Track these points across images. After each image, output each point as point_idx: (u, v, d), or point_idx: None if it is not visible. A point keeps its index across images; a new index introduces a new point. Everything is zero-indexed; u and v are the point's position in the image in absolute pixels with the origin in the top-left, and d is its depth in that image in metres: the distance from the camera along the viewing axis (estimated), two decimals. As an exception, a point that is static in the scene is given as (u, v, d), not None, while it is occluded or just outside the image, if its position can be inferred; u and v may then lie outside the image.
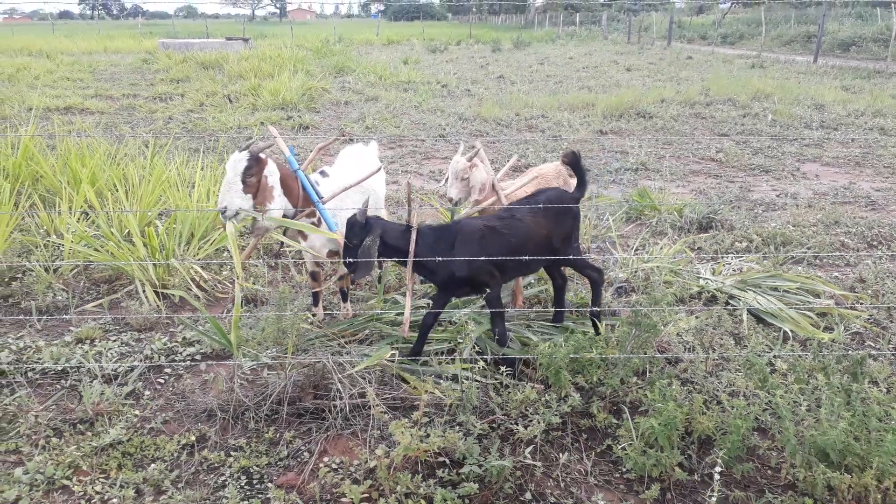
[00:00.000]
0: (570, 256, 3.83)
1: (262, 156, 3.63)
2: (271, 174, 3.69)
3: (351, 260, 3.39)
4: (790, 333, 4.08)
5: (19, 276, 5.06)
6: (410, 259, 3.43)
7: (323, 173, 4.14)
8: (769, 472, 3.01)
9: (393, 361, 3.51)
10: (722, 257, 5.45)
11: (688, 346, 3.90)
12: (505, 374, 3.25)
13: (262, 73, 16.87)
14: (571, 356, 3.27)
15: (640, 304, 3.48)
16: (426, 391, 3.07)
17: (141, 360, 3.85)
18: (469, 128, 11.62)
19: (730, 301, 4.56)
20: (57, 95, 14.68)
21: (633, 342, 3.43)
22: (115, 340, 4.14)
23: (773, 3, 41.01)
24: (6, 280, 5.04)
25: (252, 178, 3.57)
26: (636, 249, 5.59)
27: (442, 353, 3.79)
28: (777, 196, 7.59)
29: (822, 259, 5.48)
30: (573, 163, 3.95)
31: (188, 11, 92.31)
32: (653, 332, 3.39)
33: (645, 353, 3.45)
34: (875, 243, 5.88)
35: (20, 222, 5.83)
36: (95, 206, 5.63)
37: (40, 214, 5.70)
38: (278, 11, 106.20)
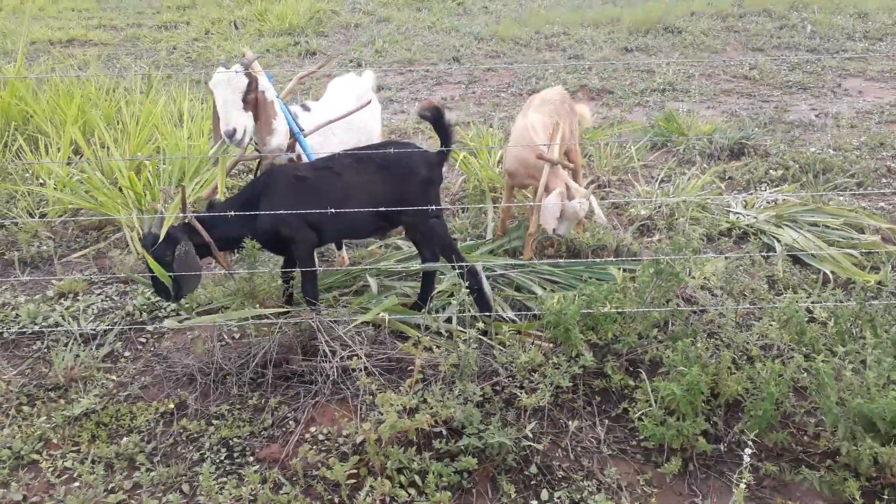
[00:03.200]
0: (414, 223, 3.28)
1: (253, 71, 3.26)
2: (268, 89, 3.34)
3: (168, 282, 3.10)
4: (830, 275, 3.67)
5: (5, 223, 4.81)
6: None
7: (305, 107, 3.75)
8: (805, 438, 2.69)
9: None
10: (755, 188, 4.99)
11: (715, 294, 3.53)
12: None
13: (271, -3, 16.11)
14: (583, 311, 2.93)
15: (663, 248, 3.09)
16: (420, 353, 2.76)
17: (122, 318, 3.60)
18: (485, 48, 10.97)
19: (762, 238, 4.15)
20: (60, 27, 14.16)
21: (654, 292, 3.07)
22: (98, 294, 3.89)
23: None
24: (-9, 228, 4.80)
25: (251, 94, 3.22)
26: (661, 181, 5.15)
27: (442, 309, 3.47)
28: (816, 116, 6.99)
29: (867, 187, 4.99)
30: (434, 119, 3.25)
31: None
32: (675, 281, 3.02)
33: (667, 304, 3.09)
34: (925, 167, 5.35)
35: (7, 166, 5.54)
36: (83, 147, 5.31)
37: (25, 158, 5.39)
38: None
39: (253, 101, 3.24)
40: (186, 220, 3.14)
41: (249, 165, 5.39)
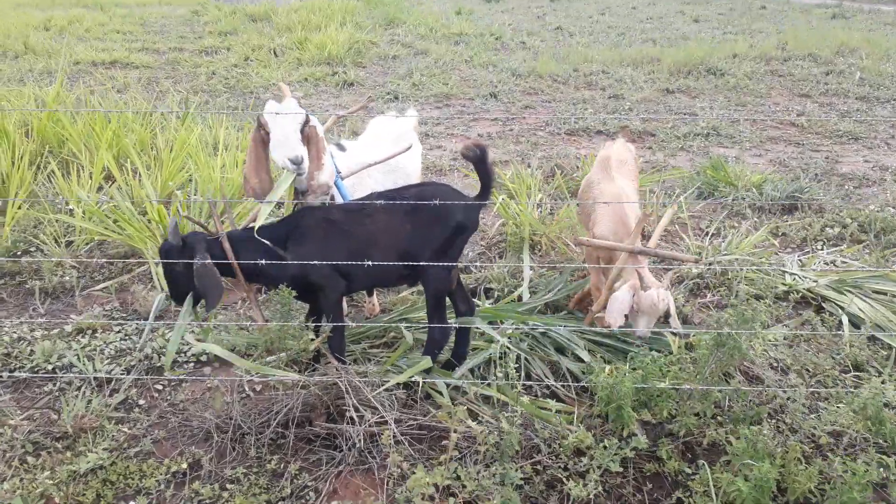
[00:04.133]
0: (429, 270, 3.01)
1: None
2: (318, 124, 3.19)
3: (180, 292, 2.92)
4: (902, 350, 3.37)
5: (31, 249, 4.70)
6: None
7: (340, 146, 3.58)
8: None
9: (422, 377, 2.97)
10: (811, 247, 4.70)
11: (774, 367, 3.24)
12: None
13: (311, 26, 16.24)
14: (637, 385, 2.67)
15: (726, 318, 2.82)
16: (456, 427, 2.52)
17: (139, 361, 3.41)
18: (522, 85, 10.82)
19: (823, 305, 3.86)
20: (104, 49, 14.38)
21: (714, 366, 2.80)
22: (118, 332, 3.72)
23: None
24: (17, 253, 4.69)
25: (306, 127, 3.07)
26: (710, 235, 4.87)
27: (479, 368, 3.23)
28: (871, 170, 6.68)
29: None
30: (477, 159, 3.01)
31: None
32: (739, 356, 2.75)
33: (726, 380, 2.82)
34: None
35: (38, 190, 5.46)
36: (115, 174, 5.21)
37: (56, 182, 5.30)
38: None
39: (307, 135, 3.10)
40: (217, 237, 2.96)
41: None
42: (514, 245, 4.63)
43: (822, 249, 4.67)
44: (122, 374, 3.26)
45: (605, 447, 2.52)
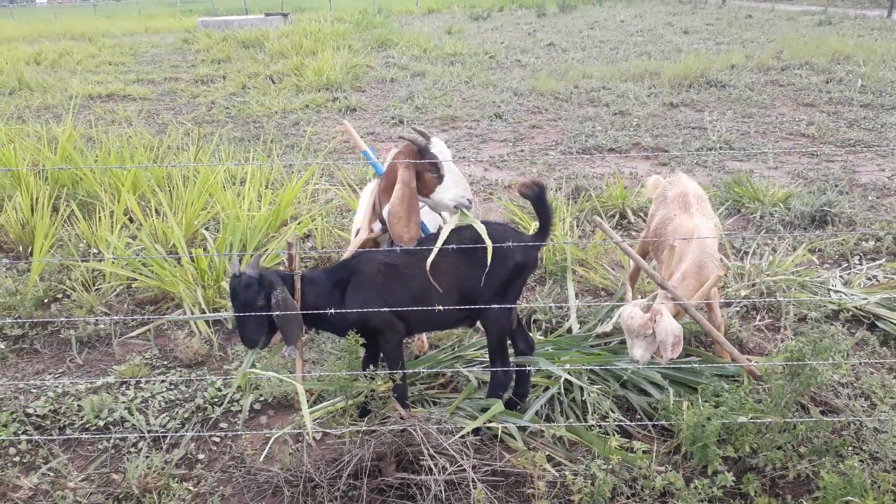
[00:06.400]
0: (490, 311, 2.92)
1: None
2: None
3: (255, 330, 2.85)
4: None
5: (59, 297, 4.61)
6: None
7: None
8: None
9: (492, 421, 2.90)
10: (849, 262, 4.68)
11: (842, 391, 3.19)
12: None
13: (304, 51, 16.25)
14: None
15: (799, 346, 2.77)
16: (539, 473, 2.45)
17: (192, 412, 3.33)
18: (526, 104, 10.84)
19: (877, 323, 3.83)
20: (99, 81, 14.32)
21: (789, 396, 2.75)
22: (162, 382, 3.63)
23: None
24: (46, 302, 4.60)
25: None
26: (749, 254, 4.83)
27: (543, 406, 3.16)
28: (889, 178, 6.70)
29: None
30: (535, 197, 2.93)
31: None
32: (816, 384, 2.71)
33: (804, 411, 2.77)
34: None
35: (58, 232, 5.36)
36: (138, 216, 5.13)
37: (80, 225, 5.22)
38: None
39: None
40: (292, 273, 2.89)
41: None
42: (554, 272, 4.58)
43: (860, 264, 4.65)
44: (180, 430, 3.17)
45: (695, 487, 2.46)
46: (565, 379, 3.20)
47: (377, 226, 3.30)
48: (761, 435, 2.72)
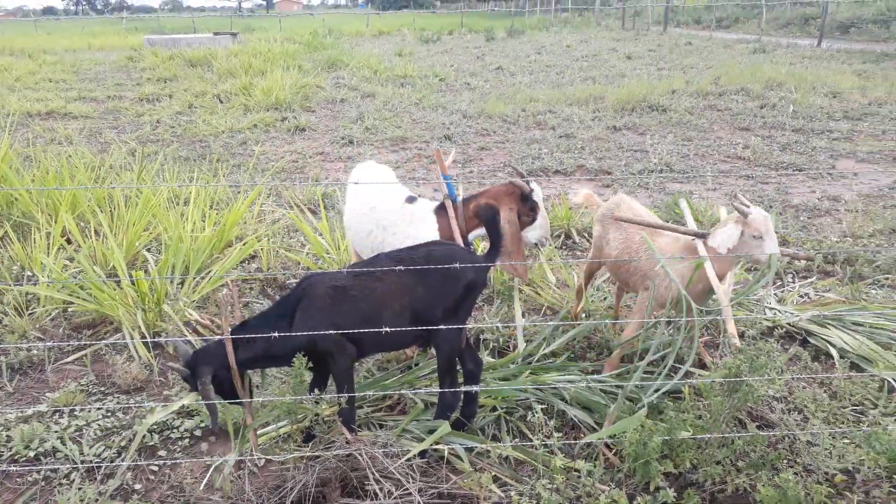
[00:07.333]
0: (441, 332, 2.90)
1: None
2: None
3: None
4: (894, 383, 3.48)
5: (-11, 322, 4.42)
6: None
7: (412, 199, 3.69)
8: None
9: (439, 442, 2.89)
10: (782, 280, 4.85)
11: (777, 406, 3.30)
12: None
13: (253, 70, 16.13)
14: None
15: (736, 364, 2.86)
16: (485, 494, 2.46)
17: (129, 440, 3.22)
18: (475, 126, 10.97)
19: (809, 339, 3.98)
20: (38, 99, 13.90)
21: (728, 412, 2.83)
22: (98, 409, 3.51)
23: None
24: (-26, 327, 4.40)
25: None
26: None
27: (489, 426, 3.17)
28: (818, 199, 7.00)
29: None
30: (488, 218, 3.08)
31: (174, 5, 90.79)
32: (753, 400, 2.79)
33: (744, 428, 2.85)
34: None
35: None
36: (76, 237, 4.98)
37: (13, 248, 5.03)
38: (265, 3, 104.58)
39: None
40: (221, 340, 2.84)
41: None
42: (502, 292, 4.62)
43: (793, 282, 4.83)
44: (116, 459, 3.06)
45: (637, 505, 2.50)
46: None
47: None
48: (701, 450, 2.78)
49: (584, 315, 4.30)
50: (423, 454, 2.91)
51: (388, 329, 2.77)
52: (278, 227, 5.94)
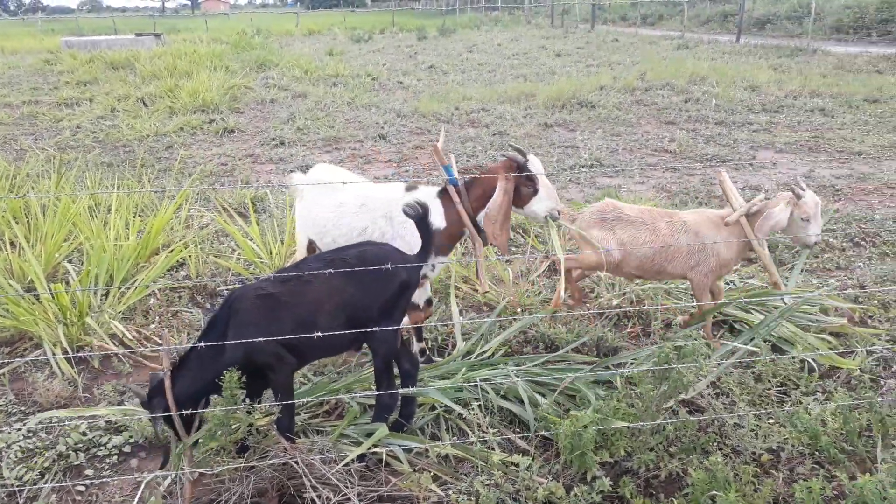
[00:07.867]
0: (377, 333, 2.87)
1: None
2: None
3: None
4: (815, 364, 3.64)
5: None
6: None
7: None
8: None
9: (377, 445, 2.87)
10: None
11: (705, 391, 3.40)
12: None
13: (179, 72, 15.66)
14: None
15: (665, 352, 2.93)
16: (424, 494, 2.45)
17: (53, 460, 3.08)
18: (409, 125, 10.95)
19: (735, 325, 4.12)
20: (-55, 105, 13.15)
21: (659, 400, 2.90)
22: (19, 430, 3.34)
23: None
24: None
25: None
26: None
27: (428, 425, 3.17)
28: (741, 189, 7.27)
29: (814, 264, 5.13)
30: (418, 217, 2.99)
31: (92, 5, 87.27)
32: (682, 387, 2.87)
33: (676, 414, 2.93)
34: (859, 241, 5.58)
35: None
36: (-12, 249, 4.73)
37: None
38: (190, 3, 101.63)
39: None
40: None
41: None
42: (438, 290, 4.62)
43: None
44: (38, 481, 2.92)
45: (575, 495, 2.54)
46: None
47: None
48: (635, 438, 2.85)
49: (519, 310, 4.34)
50: (361, 458, 2.88)
51: (321, 334, 2.71)
52: (207, 233, 5.78)
